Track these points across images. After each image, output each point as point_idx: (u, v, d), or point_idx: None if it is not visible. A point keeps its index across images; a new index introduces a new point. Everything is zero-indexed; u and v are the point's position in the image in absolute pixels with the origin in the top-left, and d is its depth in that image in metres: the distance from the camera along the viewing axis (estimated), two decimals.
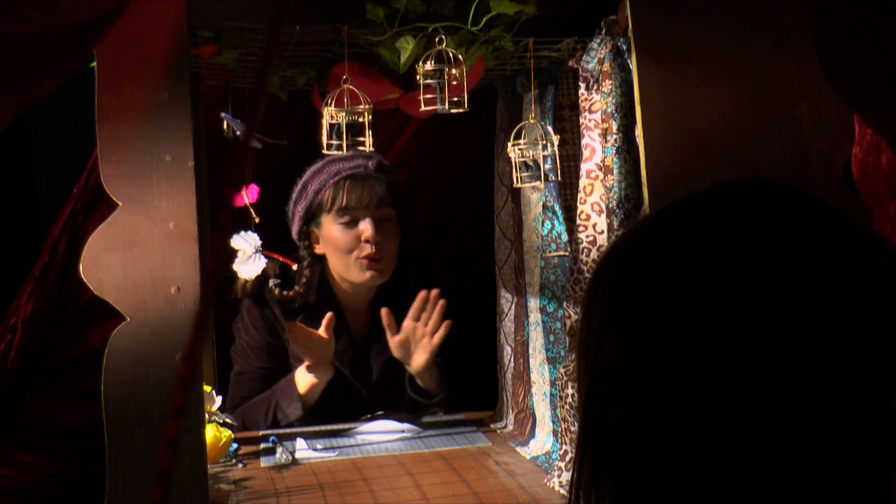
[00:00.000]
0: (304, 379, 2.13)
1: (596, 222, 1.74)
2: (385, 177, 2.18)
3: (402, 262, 2.26)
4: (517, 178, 1.81)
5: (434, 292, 2.14)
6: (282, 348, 2.25)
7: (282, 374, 2.25)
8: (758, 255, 0.67)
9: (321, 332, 2.09)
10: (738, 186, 0.73)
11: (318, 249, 2.23)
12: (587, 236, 1.74)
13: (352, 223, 2.15)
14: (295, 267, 2.19)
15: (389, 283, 2.25)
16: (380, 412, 2.23)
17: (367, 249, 2.14)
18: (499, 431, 2.12)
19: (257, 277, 2.15)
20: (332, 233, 2.17)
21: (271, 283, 2.19)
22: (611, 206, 1.70)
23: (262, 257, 2.01)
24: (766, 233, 0.68)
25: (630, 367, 0.69)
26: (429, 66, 1.64)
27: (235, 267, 2.01)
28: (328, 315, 2.10)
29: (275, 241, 2.22)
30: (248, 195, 1.95)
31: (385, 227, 2.17)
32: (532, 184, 1.83)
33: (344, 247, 2.16)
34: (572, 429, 1.73)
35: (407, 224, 2.29)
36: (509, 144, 1.81)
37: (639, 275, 0.71)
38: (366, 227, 2.14)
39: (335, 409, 2.20)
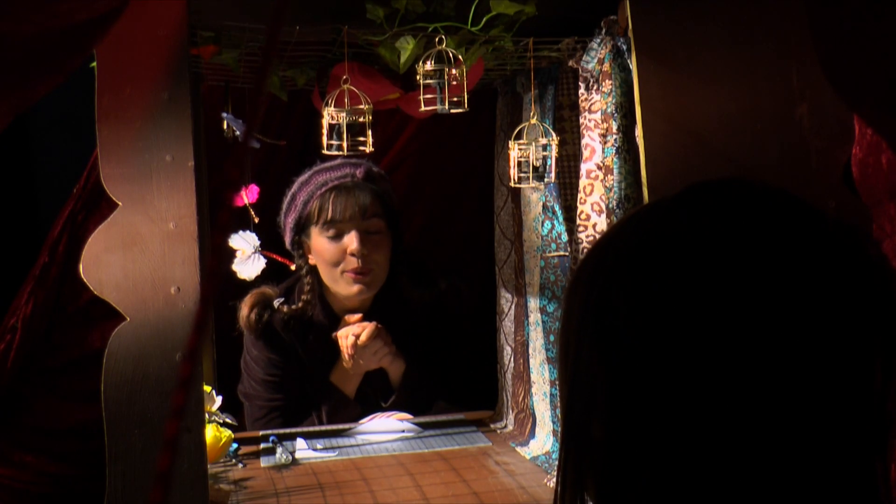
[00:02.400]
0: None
1: (596, 222, 1.74)
2: (373, 186, 2.15)
3: (396, 271, 2.23)
4: (515, 177, 1.80)
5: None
6: (289, 377, 2.23)
7: (292, 403, 2.24)
8: (731, 257, 0.66)
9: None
10: (710, 187, 0.71)
11: (312, 260, 2.20)
12: (587, 236, 1.74)
13: (337, 236, 2.12)
14: (293, 267, 2.18)
15: (385, 293, 2.22)
16: (379, 412, 2.23)
17: (353, 263, 2.12)
18: (499, 431, 2.12)
19: (258, 309, 2.14)
20: (319, 245, 2.15)
21: (276, 303, 2.17)
22: (611, 206, 1.70)
23: (262, 257, 2.00)
24: (738, 234, 0.67)
25: (607, 377, 0.68)
26: (429, 66, 1.64)
27: (235, 267, 2.01)
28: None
29: (275, 242, 2.23)
30: (247, 195, 1.95)
31: (372, 238, 2.14)
32: (531, 185, 1.82)
33: (330, 260, 2.13)
34: None
35: (401, 231, 2.26)
36: (510, 144, 1.81)
37: (611, 282, 0.69)
38: (351, 240, 2.11)
39: (332, 419, 2.20)
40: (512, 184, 1.84)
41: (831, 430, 0.65)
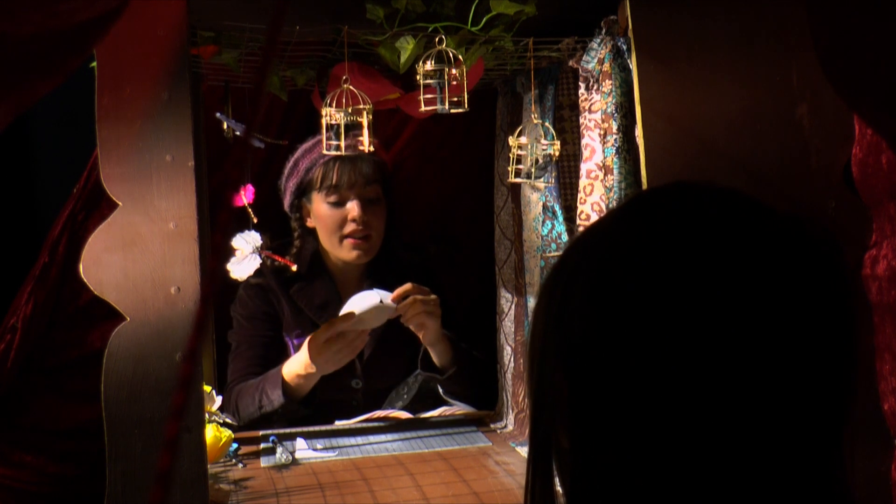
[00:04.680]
0: (290, 370, 2.09)
1: None
2: (373, 156, 2.22)
3: (390, 238, 2.31)
4: (513, 171, 1.80)
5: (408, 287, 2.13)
6: (277, 318, 2.28)
7: (280, 343, 2.26)
8: (679, 262, 0.65)
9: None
10: (655, 194, 0.72)
11: (310, 223, 2.28)
12: None
13: (340, 203, 2.20)
14: (294, 268, 2.20)
15: (379, 258, 2.29)
16: (379, 412, 2.23)
17: (354, 228, 2.19)
18: (499, 431, 2.13)
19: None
20: (321, 211, 2.22)
21: (261, 249, 2.20)
22: (611, 206, 1.70)
23: (258, 257, 2.02)
24: (684, 238, 0.66)
25: (569, 386, 0.69)
26: (429, 66, 1.64)
27: (229, 266, 2.01)
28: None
29: (275, 241, 2.23)
30: (244, 195, 1.95)
31: (372, 206, 2.22)
32: (527, 180, 1.82)
33: (332, 226, 2.21)
34: None
35: (395, 199, 2.33)
36: (510, 139, 1.81)
37: (568, 295, 0.70)
38: (353, 206, 2.19)
39: (328, 383, 2.19)
40: (511, 179, 1.84)
41: (790, 430, 0.64)
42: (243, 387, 2.18)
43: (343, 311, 2.08)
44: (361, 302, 2.08)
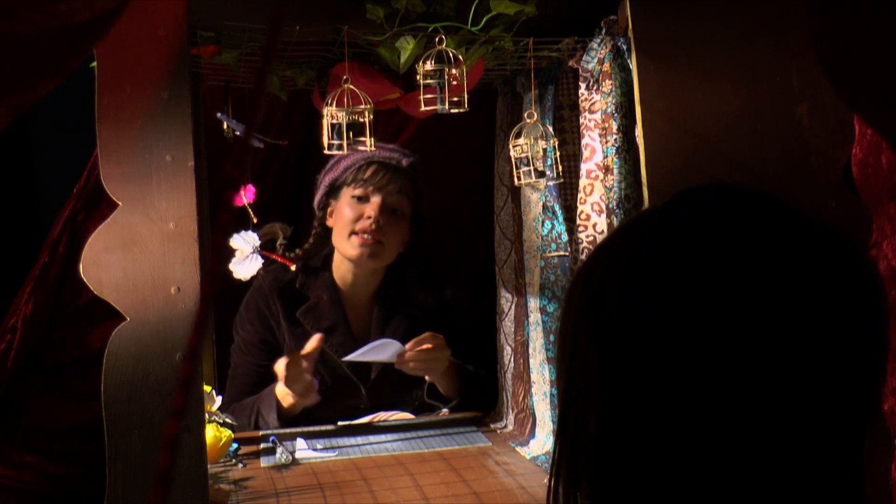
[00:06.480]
0: (286, 398, 2.10)
1: (596, 222, 1.74)
2: (413, 176, 2.22)
3: (407, 267, 2.27)
4: (517, 175, 1.81)
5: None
6: (276, 344, 2.25)
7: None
8: (716, 258, 0.67)
9: (308, 348, 2.05)
10: (697, 193, 0.74)
11: (330, 222, 2.26)
12: (587, 236, 1.74)
13: (363, 198, 2.18)
14: (293, 267, 2.20)
15: (391, 285, 2.26)
16: (381, 412, 2.23)
17: (365, 224, 2.16)
18: (499, 431, 2.12)
19: (266, 241, 2.16)
20: (343, 205, 2.21)
21: (278, 244, 2.21)
22: (611, 206, 1.70)
23: (259, 257, 2.01)
24: (722, 237, 0.68)
25: (601, 373, 0.70)
26: (429, 66, 1.64)
27: (231, 267, 2.01)
28: (317, 336, 2.08)
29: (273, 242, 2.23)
30: (244, 195, 1.95)
31: (393, 215, 2.19)
32: (532, 181, 1.83)
33: (348, 219, 2.18)
34: None
35: (422, 230, 2.29)
36: (510, 143, 1.81)
37: (605, 283, 0.71)
38: (374, 203, 2.17)
39: (333, 405, 2.19)
40: (515, 182, 1.84)
41: (818, 427, 0.66)
42: (237, 406, 2.18)
43: (355, 355, 2.10)
44: (377, 352, 2.10)
